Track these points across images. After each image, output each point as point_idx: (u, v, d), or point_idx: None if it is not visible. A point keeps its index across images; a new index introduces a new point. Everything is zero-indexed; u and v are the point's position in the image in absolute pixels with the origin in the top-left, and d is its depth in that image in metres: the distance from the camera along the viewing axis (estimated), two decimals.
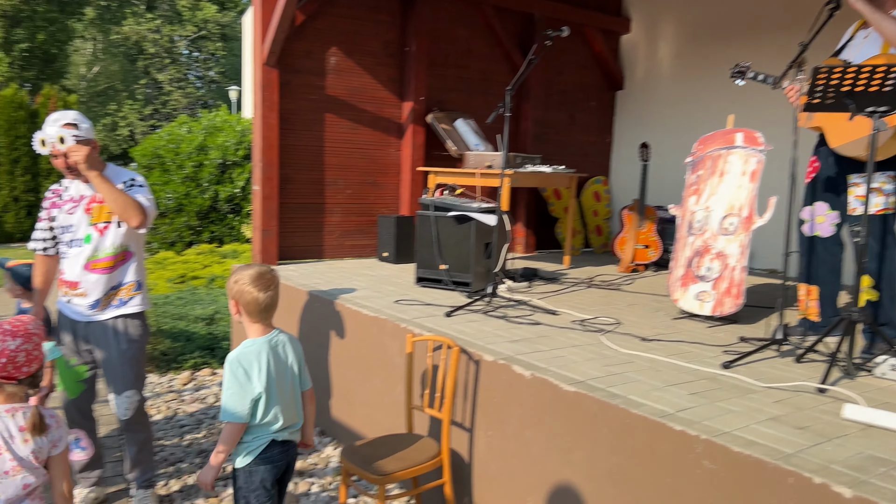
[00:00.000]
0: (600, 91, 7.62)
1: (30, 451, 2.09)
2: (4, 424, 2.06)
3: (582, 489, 2.71)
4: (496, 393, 3.10)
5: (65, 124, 3.10)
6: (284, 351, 2.64)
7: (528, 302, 4.33)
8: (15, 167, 13.87)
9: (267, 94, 5.47)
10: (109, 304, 3.30)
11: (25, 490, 2.10)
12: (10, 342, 2.07)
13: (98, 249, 3.24)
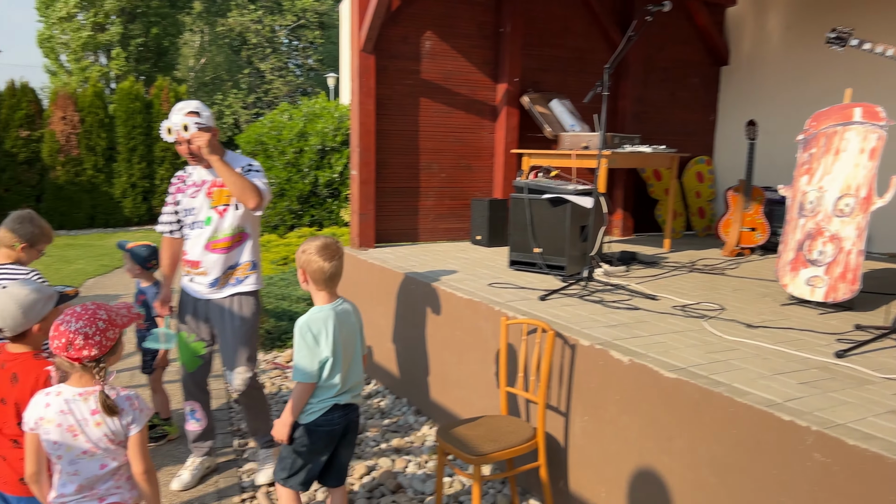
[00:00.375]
0: (703, 67, 7.30)
1: (102, 434, 2.11)
2: (77, 408, 2.10)
3: (681, 477, 2.64)
4: (592, 378, 3.05)
5: (188, 112, 3.31)
6: (349, 318, 2.78)
7: (626, 286, 4.24)
8: (132, 155, 14.77)
9: (364, 80, 5.56)
10: (227, 282, 3.51)
11: (103, 470, 2.14)
12: (72, 324, 2.07)
13: (217, 230, 3.44)
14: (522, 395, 3.31)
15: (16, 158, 14.05)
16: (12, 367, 2.34)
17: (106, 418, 2.10)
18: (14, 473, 2.37)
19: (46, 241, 3.41)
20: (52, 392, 2.12)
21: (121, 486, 2.18)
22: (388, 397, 4.86)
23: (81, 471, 2.13)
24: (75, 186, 14.36)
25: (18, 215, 3.36)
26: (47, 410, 2.10)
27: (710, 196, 7.26)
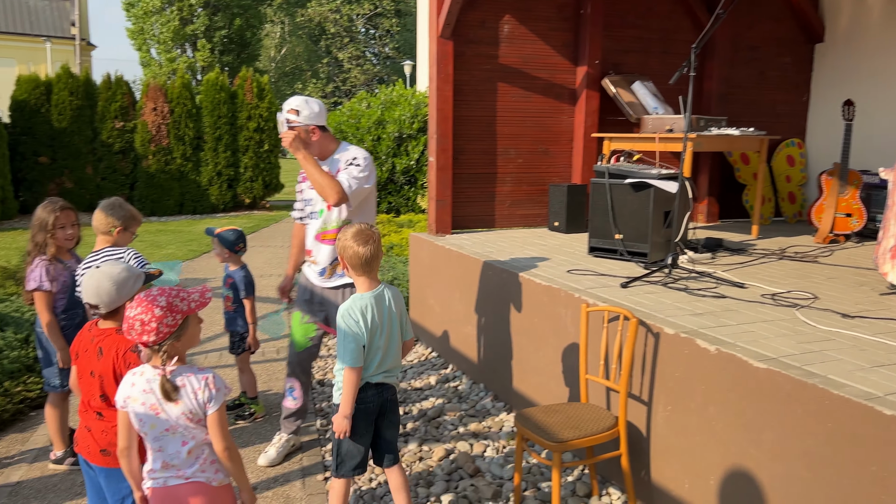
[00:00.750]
0: (796, 45, 6.95)
1: (180, 412, 2.17)
2: (157, 387, 2.16)
3: (771, 471, 2.54)
4: (677, 367, 2.98)
5: (289, 110, 3.46)
6: (388, 304, 2.83)
7: (712, 274, 4.10)
8: (218, 144, 15.29)
9: (442, 66, 5.57)
10: (333, 273, 3.62)
11: (184, 447, 2.21)
12: (132, 310, 2.13)
13: (326, 222, 3.58)
14: (603, 384, 3.26)
15: (111, 148, 14.79)
16: (99, 342, 2.47)
17: (182, 396, 2.15)
18: (96, 445, 2.49)
19: (136, 223, 3.59)
20: (137, 372, 2.22)
21: (206, 469, 2.24)
22: (466, 382, 4.89)
23: (165, 447, 2.21)
24: (165, 175, 14.99)
25: (109, 202, 3.55)
26: (133, 389, 2.19)
27: (801, 180, 6.93)
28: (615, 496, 3.36)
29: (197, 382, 2.18)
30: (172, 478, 2.21)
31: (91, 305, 2.47)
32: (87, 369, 2.48)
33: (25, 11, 34.99)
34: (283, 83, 44.63)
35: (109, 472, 2.50)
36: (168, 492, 2.22)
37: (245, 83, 15.56)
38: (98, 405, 2.48)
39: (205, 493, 2.23)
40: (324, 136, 3.52)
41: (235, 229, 4.31)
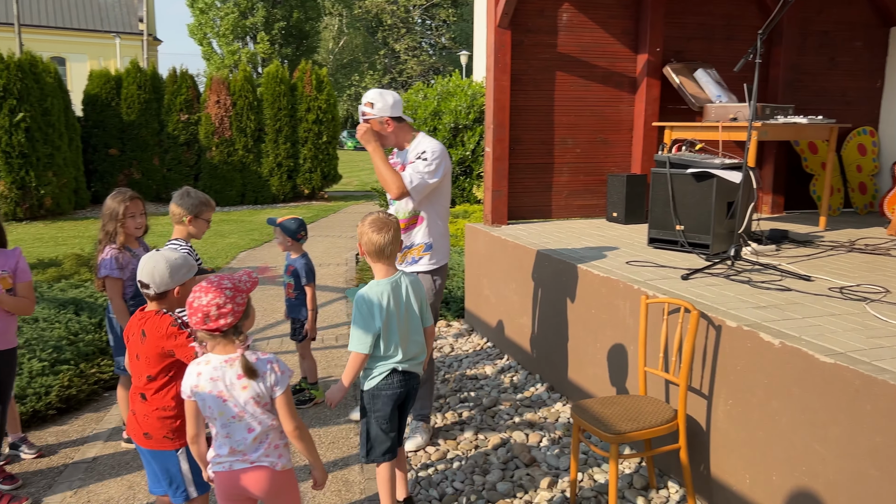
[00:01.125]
0: (869, 29, 6.67)
1: (249, 397, 2.21)
2: (224, 374, 2.22)
3: (837, 468, 2.48)
4: (739, 360, 2.92)
5: (365, 102, 3.61)
6: (406, 291, 2.90)
7: (777, 266, 3.99)
8: (278, 136, 15.60)
9: (499, 55, 5.56)
10: (404, 260, 3.73)
11: (250, 434, 2.25)
12: (203, 298, 2.17)
13: (398, 211, 3.69)
14: (662, 376, 3.22)
15: (177, 140, 15.25)
16: (142, 325, 2.55)
17: (251, 382, 2.20)
18: (139, 428, 2.57)
19: (209, 209, 3.69)
20: (201, 362, 2.26)
21: (270, 454, 2.28)
22: (521, 372, 4.90)
23: (232, 434, 2.25)
24: (228, 166, 15.38)
25: (178, 192, 3.67)
26: (199, 379, 2.23)
27: (872, 170, 6.66)
28: (673, 489, 3.32)
29: (263, 366, 2.22)
30: (238, 462, 2.27)
31: (143, 284, 2.54)
32: (134, 353, 2.58)
33: (96, 8, 36.33)
34: (340, 75, 45.16)
35: (154, 454, 2.58)
36: (233, 475, 2.28)
37: (304, 75, 15.81)
38: (144, 386, 2.56)
39: (269, 476, 2.28)
40: (399, 127, 3.63)
41: (296, 218, 4.41)
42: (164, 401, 2.56)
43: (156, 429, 2.55)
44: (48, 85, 13.10)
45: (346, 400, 4.43)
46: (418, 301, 2.96)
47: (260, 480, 2.28)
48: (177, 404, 2.58)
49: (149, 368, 2.54)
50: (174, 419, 2.58)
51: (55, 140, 13.13)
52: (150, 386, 2.56)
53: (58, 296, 5.86)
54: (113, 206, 3.67)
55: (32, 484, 3.48)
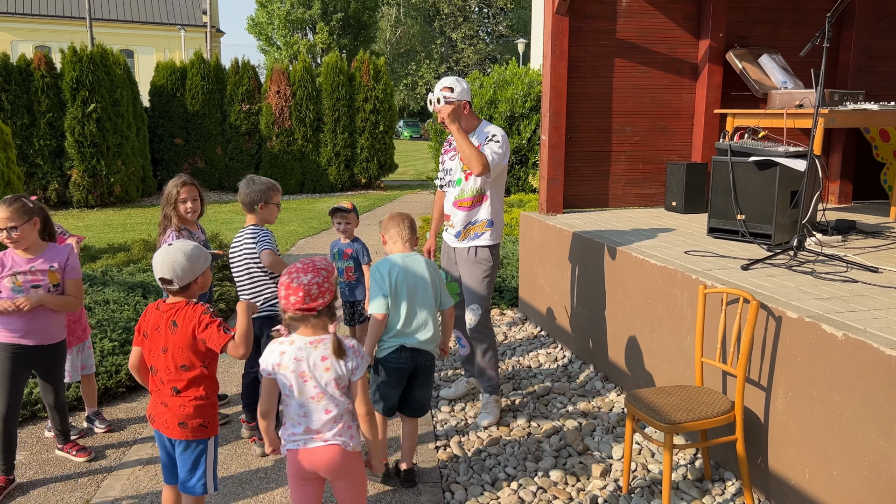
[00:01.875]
0: None
1: (331, 378, 2.30)
2: (308, 354, 2.28)
3: None
4: (800, 352, 2.85)
5: (443, 87, 3.82)
6: (419, 268, 3.17)
7: (843, 257, 3.87)
8: (336, 126, 15.83)
9: (557, 42, 5.51)
10: (468, 235, 3.96)
11: (327, 416, 2.32)
12: (303, 277, 2.25)
13: (463, 191, 3.92)
14: (719, 367, 3.17)
15: (239, 130, 15.64)
16: (171, 316, 2.55)
17: (334, 363, 2.28)
18: (174, 418, 2.57)
19: (276, 192, 3.75)
20: (285, 342, 2.32)
21: (343, 434, 2.36)
22: (575, 362, 4.88)
23: (309, 413, 2.32)
24: (287, 155, 15.70)
25: (244, 181, 3.75)
26: (283, 358, 2.29)
27: None
28: (729, 482, 3.28)
29: (346, 349, 2.32)
30: (311, 440, 2.34)
31: (164, 281, 2.55)
32: (159, 346, 2.56)
33: (162, 2, 37.43)
34: (397, 64, 45.40)
35: (186, 444, 2.60)
36: (307, 453, 2.35)
37: (362, 65, 15.97)
38: (173, 378, 2.56)
39: (341, 455, 2.36)
40: (470, 113, 3.90)
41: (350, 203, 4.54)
42: (199, 391, 2.58)
43: (191, 417, 2.57)
44: (118, 77, 13.60)
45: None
46: (432, 281, 3.21)
47: (332, 459, 2.35)
48: (212, 392, 2.63)
49: (182, 359, 2.55)
50: (210, 406, 2.62)
51: (124, 130, 13.63)
52: (183, 377, 2.56)
53: (127, 279, 6.11)
54: (168, 190, 3.87)
55: (104, 457, 3.66)
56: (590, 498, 3.19)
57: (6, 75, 12.54)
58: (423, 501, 3.20)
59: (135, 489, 3.32)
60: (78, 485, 3.38)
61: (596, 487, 3.28)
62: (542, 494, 3.24)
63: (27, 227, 3.21)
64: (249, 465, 3.54)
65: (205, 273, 2.64)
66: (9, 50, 33.21)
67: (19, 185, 7.18)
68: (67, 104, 12.99)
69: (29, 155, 12.89)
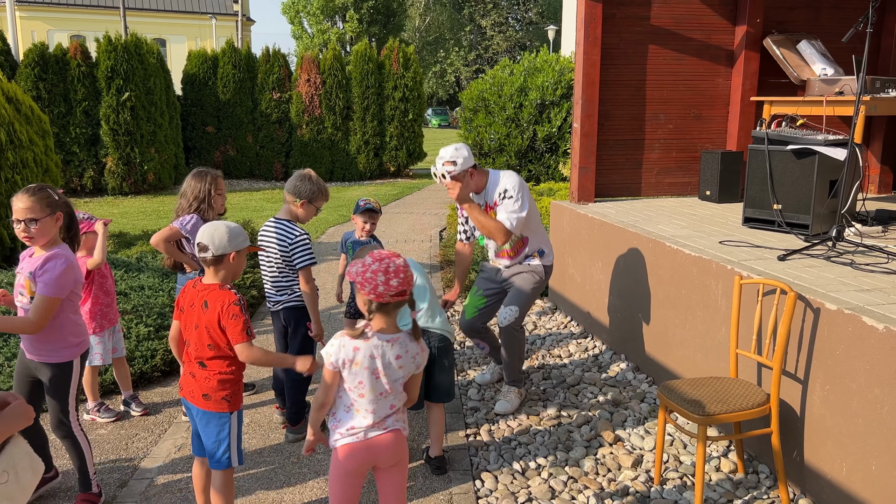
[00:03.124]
0: None
1: (402, 375, 2.34)
2: (384, 352, 2.29)
3: None
4: (838, 345, 2.80)
5: (445, 162, 3.72)
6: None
7: (884, 248, 3.78)
8: (366, 114, 15.85)
9: (590, 29, 5.44)
10: (516, 264, 4.07)
11: (392, 410, 2.38)
12: (396, 260, 2.27)
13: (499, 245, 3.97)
14: (754, 359, 3.13)
15: (269, 118, 15.74)
16: (204, 296, 2.63)
17: (406, 361, 2.31)
18: (199, 389, 2.66)
19: (323, 198, 3.70)
20: (356, 342, 2.30)
21: (399, 419, 2.41)
22: (606, 352, 4.85)
23: (377, 410, 2.34)
24: (317, 143, 15.77)
25: (300, 174, 3.67)
26: (356, 354, 2.28)
27: None
28: (763, 475, 3.24)
29: (415, 347, 2.36)
30: (373, 430, 2.35)
31: (201, 247, 2.60)
32: (192, 322, 2.66)
33: None
34: (426, 52, 45.28)
35: (209, 416, 2.67)
36: (368, 444, 2.35)
37: (392, 53, 15.95)
38: (201, 354, 2.64)
39: (400, 439, 2.40)
40: (477, 173, 3.83)
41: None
42: (223, 366, 2.66)
43: (215, 390, 2.65)
44: (151, 65, 13.76)
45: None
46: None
47: (394, 443, 2.38)
48: (237, 368, 2.69)
49: (210, 338, 2.62)
50: (234, 383, 2.69)
51: (157, 118, 13.81)
52: (209, 353, 2.64)
53: (161, 266, 6.21)
54: (200, 185, 3.82)
55: (140, 439, 3.74)
56: (621, 489, 3.17)
57: (43, 65, 12.76)
58: (454, 489, 3.21)
59: (170, 470, 3.38)
60: (115, 467, 3.45)
61: (627, 478, 3.26)
62: (572, 484, 3.23)
63: (48, 222, 2.84)
64: (282, 452, 3.59)
65: (240, 254, 2.67)
66: (45, 39, 33.79)
67: (57, 173, 7.31)
68: (102, 93, 13.18)
69: (65, 143, 13.12)
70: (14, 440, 1.67)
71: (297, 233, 3.57)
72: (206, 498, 2.87)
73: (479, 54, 45.59)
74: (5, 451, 1.64)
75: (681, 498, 3.09)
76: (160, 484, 3.28)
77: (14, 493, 1.61)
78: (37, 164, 6.91)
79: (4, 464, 1.61)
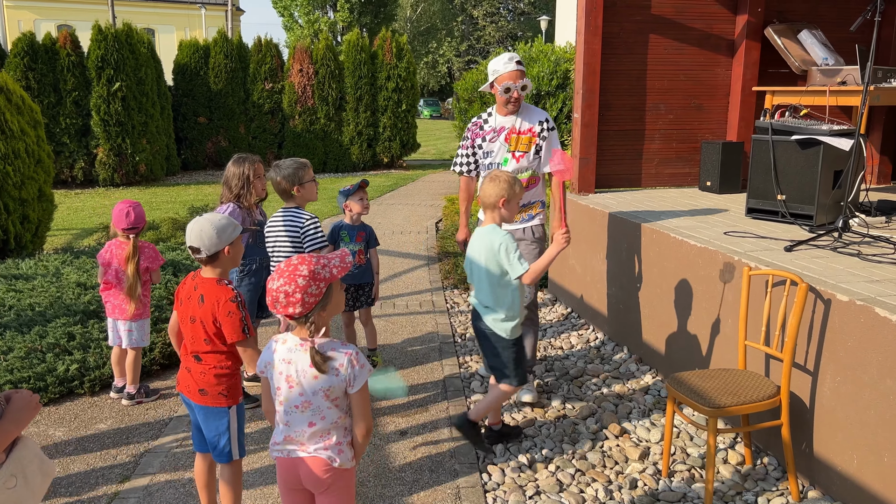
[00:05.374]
0: None
1: (319, 388, 2.06)
2: (298, 357, 2.08)
3: None
4: (850, 336, 2.78)
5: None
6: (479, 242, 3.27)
7: (890, 239, 3.77)
8: (359, 104, 15.74)
9: (591, 18, 5.39)
10: (521, 218, 3.92)
11: (311, 428, 2.09)
12: (275, 282, 2.04)
13: (518, 172, 3.85)
14: (763, 351, 3.11)
15: (262, 109, 15.62)
16: (201, 290, 2.58)
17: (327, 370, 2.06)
18: (195, 384, 2.62)
19: (306, 170, 3.69)
20: (279, 339, 2.15)
21: (329, 448, 2.12)
22: (608, 344, 4.83)
23: (292, 423, 2.12)
24: (310, 134, 15.66)
25: (270, 171, 3.71)
26: (274, 356, 2.13)
27: None
28: (771, 467, 3.23)
29: (341, 358, 2.06)
30: (296, 451, 2.14)
31: (193, 249, 2.57)
32: (188, 315, 2.60)
33: None
34: (417, 42, 45.05)
35: (207, 411, 2.64)
36: (293, 463, 2.15)
37: (384, 43, 15.83)
38: (197, 349, 2.61)
39: (327, 469, 2.13)
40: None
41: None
42: (219, 360, 2.62)
43: (212, 385, 2.60)
44: (142, 55, 13.60)
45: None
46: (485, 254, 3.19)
47: (314, 472, 2.13)
48: (233, 363, 2.64)
49: (205, 332, 2.57)
50: (230, 377, 2.65)
51: (148, 108, 13.67)
52: (206, 348, 2.60)
53: None
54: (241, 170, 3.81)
55: (140, 434, 3.69)
56: (629, 481, 3.15)
57: (32, 54, 12.59)
58: (460, 482, 3.18)
59: (172, 466, 3.34)
60: (116, 462, 3.41)
61: (635, 470, 3.24)
62: (580, 477, 3.21)
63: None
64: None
65: (234, 244, 2.62)
66: (32, 29, 33.45)
67: (49, 164, 7.20)
68: (93, 83, 13.03)
69: (56, 133, 12.97)
70: (22, 441, 1.61)
71: (306, 217, 3.58)
72: (209, 494, 2.83)
73: (471, 45, 45.41)
74: (13, 453, 1.57)
75: (690, 490, 3.08)
76: (162, 480, 3.23)
77: (23, 497, 1.56)
78: (29, 154, 6.81)
79: (13, 467, 1.55)
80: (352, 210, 4.21)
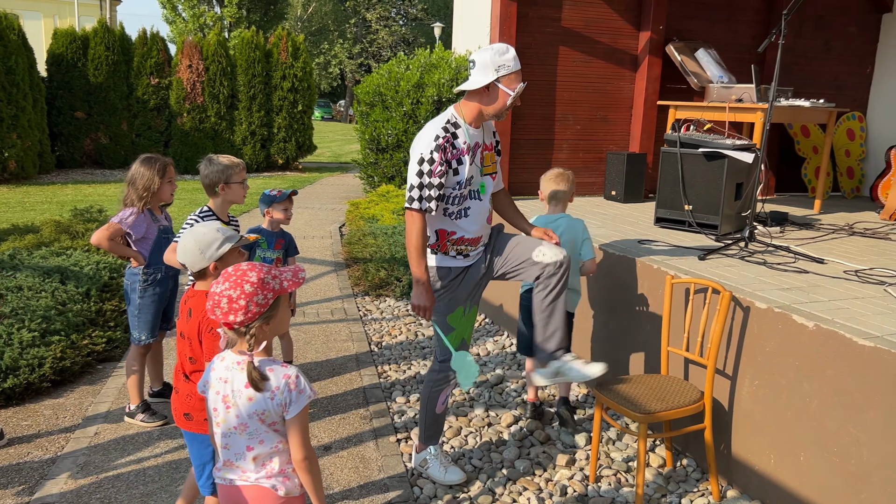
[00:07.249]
0: (863, 14, 6.73)
1: (253, 411, 1.91)
2: (233, 377, 1.94)
3: (872, 449, 2.51)
4: (768, 342, 2.93)
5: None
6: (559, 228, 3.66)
7: (789, 248, 4.03)
8: (252, 103, 15.22)
9: (505, 27, 5.45)
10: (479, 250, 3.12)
11: (249, 453, 1.96)
12: (219, 286, 1.90)
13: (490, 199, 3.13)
14: (685, 356, 3.23)
15: (147, 105, 14.77)
16: (191, 304, 2.42)
17: (257, 394, 1.90)
18: (181, 407, 2.44)
19: (238, 171, 3.45)
20: (217, 358, 2.01)
21: (272, 476, 1.98)
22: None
23: (231, 446, 1.98)
24: (200, 133, 14.96)
25: (202, 162, 3.44)
26: (211, 375, 1.99)
27: (860, 155, 6.78)
28: (690, 468, 3.35)
29: (277, 380, 1.90)
30: (238, 479, 2.00)
31: (183, 266, 2.47)
32: (179, 331, 2.45)
33: None
34: (309, 43, 44.22)
35: (192, 436, 2.47)
36: (234, 491, 2.01)
37: (280, 42, 15.41)
38: (187, 367, 2.45)
39: (272, 500, 1.98)
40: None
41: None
42: None
43: (197, 410, 2.41)
44: (13, 43, 12.52)
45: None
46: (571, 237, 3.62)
47: (253, 501, 1.98)
48: None
49: (191, 350, 2.41)
50: None
51: (20, 101, 12.59)
52: (190, 368, 2.44)
53: (40, 263, 5.63)
54: (149, 174, 3.55)
55: (127, 453, 3.35)
56: (560, 488, 3.18)
57: None
58: (392, 498, 3.10)
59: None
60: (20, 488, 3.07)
61: (564, 477, 3.28)
62: (511, 486, 3.21)
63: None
64: None
65: (224, 259, 2.41)
66: None
67: None
68: None
69: None
70: None
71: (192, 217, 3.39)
72: None
73: (364, 48, 45.12)
74: None
75: (618, 495, 3.14)
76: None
77: None
78: None
79: None
80: (272, 217, 4.02)
